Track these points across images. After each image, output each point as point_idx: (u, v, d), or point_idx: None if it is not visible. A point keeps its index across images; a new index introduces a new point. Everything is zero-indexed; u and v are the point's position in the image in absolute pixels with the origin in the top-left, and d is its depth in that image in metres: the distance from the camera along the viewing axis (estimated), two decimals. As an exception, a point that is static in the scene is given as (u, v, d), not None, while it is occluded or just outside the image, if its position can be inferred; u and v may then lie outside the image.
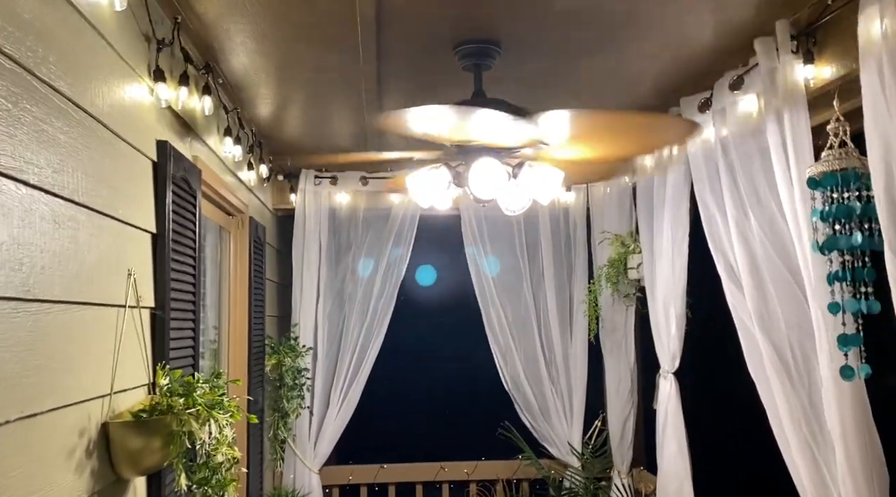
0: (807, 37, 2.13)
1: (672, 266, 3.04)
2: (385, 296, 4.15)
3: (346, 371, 4.11)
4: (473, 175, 2.21)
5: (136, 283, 1.77)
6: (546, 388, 4.18)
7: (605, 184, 3.86)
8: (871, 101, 1.73)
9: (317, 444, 4.08)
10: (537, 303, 4.22)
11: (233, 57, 2.52)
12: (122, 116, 1.72)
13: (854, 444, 1.90)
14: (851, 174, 1.86)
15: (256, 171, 3.47)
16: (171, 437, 1.64)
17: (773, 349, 2.28)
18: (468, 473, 4.34)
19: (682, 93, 2.87)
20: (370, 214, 4.23)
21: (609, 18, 2.28)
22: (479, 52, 2.40)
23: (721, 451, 3.42)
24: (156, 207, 1.95)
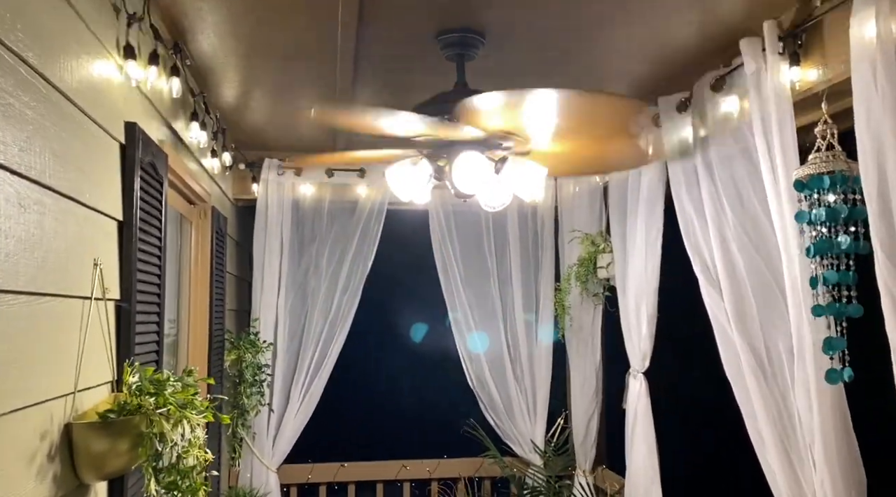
0: (793, 38, 2.13)
1: (645, 266, 3.04)
2: (350, 290, 4.04)
3: (307, 367, 4.00)
4: (457, 169, 2.15)
5: (103, 274, 1.65)
6: (511, 386, 4.15)
7: (575, 181, 3.84)
8: (863, 103, 1.72)
9: (276, 442, 3.96)
10: (504, 300, 4.19)
11: (203, 37, 2.40)
12: (90, 94, 1.59)
13: (833, 446, 1.91)
14: (839, 177, 1.87)
15: (220, 159, 3.33)
16: (139, 439, 1.53)
17: (751, 350, 2.28)
18: (430, 472, 4.28)
19: (659, 92, 2.86)
20: (335, 207, 4.11)
21: (596, 12, 2.25)
22: (462, 41, 2.33)
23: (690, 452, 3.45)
24: (123, 193, 1.82)
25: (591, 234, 3.69)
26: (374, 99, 3.07)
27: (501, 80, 2.72)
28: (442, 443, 4.36)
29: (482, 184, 2.21)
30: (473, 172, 2.16)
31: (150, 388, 1.56)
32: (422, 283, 4.37)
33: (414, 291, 4.63)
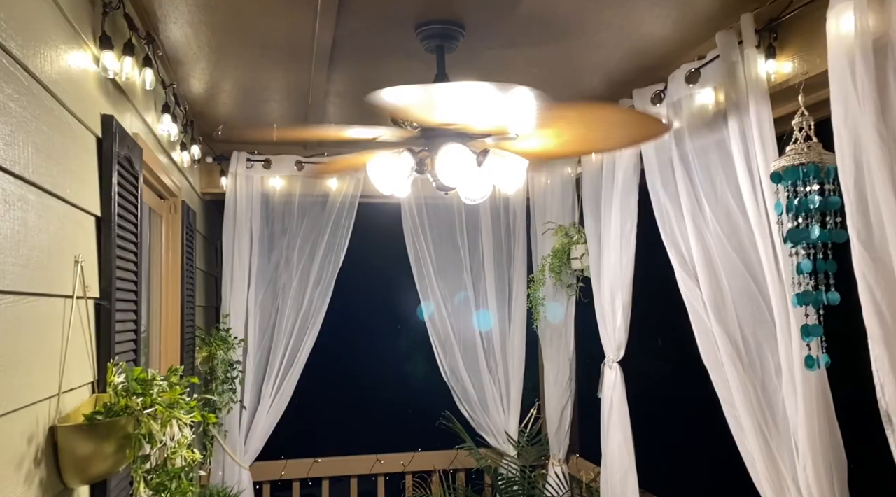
0: (769, 32, 2.17)
1: (620, 257, 3.07)
2: (322, 284, 4.00)
3: (279, 363, 3.95)
4: (441, 161, 2.14)
5: (83, 272, 1.59)
6: (484, 377, 4.17)
7: (548, 173, 3.86)
8: (841, 96, 1.76)
9: (248, 440, 3.90)
10: (477, 292, 4.19)
11: (176, 27, 2.33)
12: (68, 86, 1.54)
13: (816, 432, 1.96)
14: (815, 168, 1.91)
15: (189, 152, 3.26)
16: (126, 441, 1.49)
17: (729, 339, 2.33)
18: (404, 465, 4.27)
19: (633, 85, 2.89)
20: (306, 200, 4.05)
21: (574, 6, 2.26)
22: (443, 33, 2.31)
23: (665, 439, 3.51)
24: (100, 188, 1.77)
25: (564, 226, 3.71)
26: (349, 91, 3.04)
27: (479, 73, 2.72)
28: (416, 436, 4.36)
29: (465, 176, 2.21)
30: (457, 165, 2.16)
31: (137, 388, 1.51)
32: (394, 276, 4.35)
33: (386, 284, 4.60)
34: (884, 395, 1.67)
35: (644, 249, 3.05)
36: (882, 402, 1.68)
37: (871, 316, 1.69)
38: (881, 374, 1.68)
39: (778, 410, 2.17)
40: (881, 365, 1.68)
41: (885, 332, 1.65)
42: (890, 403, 1.66)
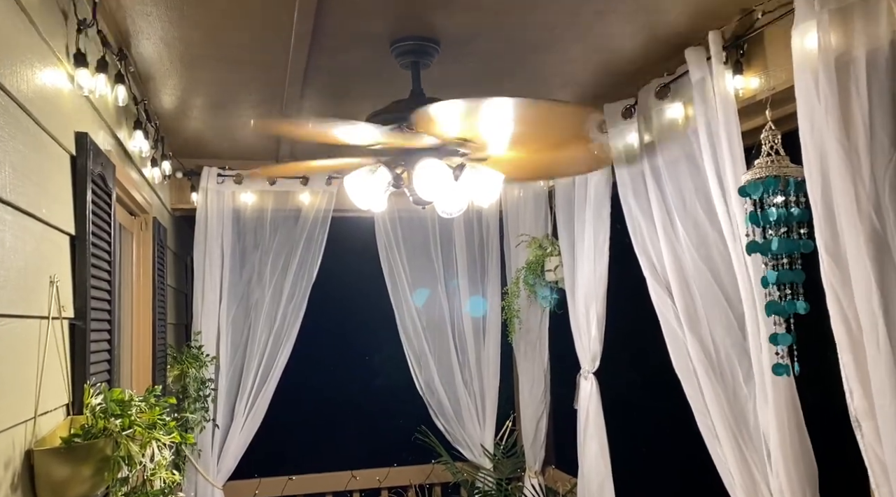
0: (736, 48, 2.23)
1: (594, 269, 3.11)
2: (295, 300, 3.97)
3: (252, 380, 3.90)
4: (418, 176, 2.15)
5: (59, 292, 1.57)
6: (460, 391, 4.17)
7: (520, 186, 3.90)
8: (807, 111, 1.82)
9: (221, 458, 3.84)
10: (451, 306, 4.21)
11: (149, 43, 2.32)
12: (43, 104, 1.52)
13: (787, 439, 2.00)
14: (781, 181, 1.97)
15: (160, 168, 3.22)
16: (104, 464, 1.47)
17: (701, 348, 2.37)
18: (380, 481, 4.25)
19: (604, 99, 2.94)
20: (278, 215, 4.03)
21: (545, 23, 2.30)
22: (418, 49, 2.34)
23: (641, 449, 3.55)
24: (74, 206, 1.74)
25: (537, 238, 3.75)
26: (323, 107, 3.04)
27: (456, 88, 2.75)
28: (392, 451, 4.34)
29: (441, 190, 2.22)
30: (434, 179, 2.17)
31: (115, 409, 1.49)
32: (369, 290, 4.34)
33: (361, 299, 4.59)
34: (852, 401, 1.72)
35: (617, 261, 3.09)
36: (851, 408, 1.73)
37: (839, 324, 1.74)
38: (850, 381, 1.73)
39: (750, 418, 2.21)
40: (849, 372, 1.73)
41: (851, 340, 1.70)
42: (858, 409, 1.71)
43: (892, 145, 1.65)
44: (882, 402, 1.62)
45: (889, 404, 1.61)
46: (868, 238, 1.65)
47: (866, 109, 1.67)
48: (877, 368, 1.63)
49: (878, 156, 1.66)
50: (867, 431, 1.69)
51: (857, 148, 1.68)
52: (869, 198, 1.65)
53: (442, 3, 2.14)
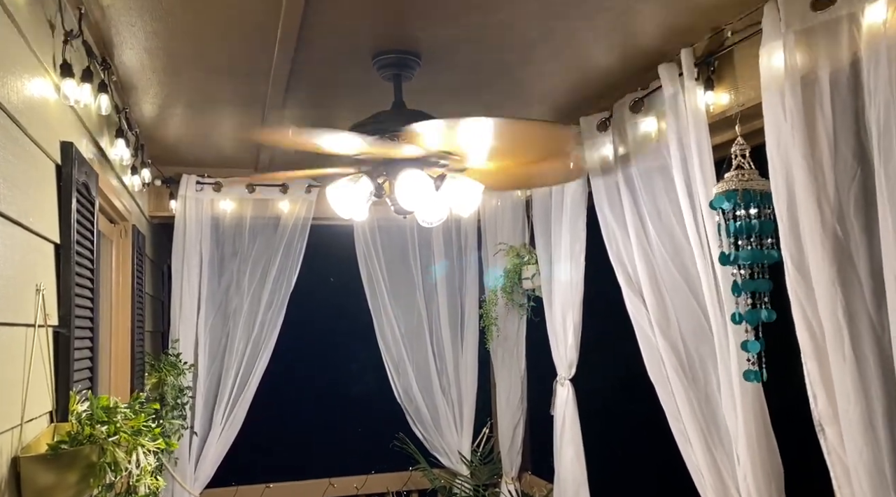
0: (706, 65, 2.31)
1: (570, 277, 3.17)
2: (274, 307, 3.98)
3: (230, 388, 3.90)
4: (400, 186, 2.20)
5: (44, 300, 1.58)
6: (438, 398, 4.21)
7: (498, 196, 3.96)
8: (773, 128, 1.90)
9: (198, 466, 3.84)
10: (430, 313, 4.25)
11: (132, 53, 2.33)
12: (31, 114, 1.54)
13: (755, 441, 2.08)
14: (749, 194, 2.04)
15: (140, 176, 3.22)
16: (89, 470, 1.48)
17: (674, 354, 2.44)
18: (357, 488, 4.27)
19: (581, 112, 3.01)
20: (257, 223, 4.04)
21: (524, 37, 2.36)
22: (399, 62, 2.38)
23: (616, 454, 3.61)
24: (59, 215, 1.76)
25: (515, 247, 3.81)
26: (304, 116, 3.07)
27: (434, 100, 2.80)
28: (370, 458, 4.35)
29: (423, 200, 2.27)
30: (415, 189, 2.22)
31: (102, 415, 1.51)
32: (348, 298, 4.36)
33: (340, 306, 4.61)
34: (816, 406, 1.79)
35: (593, 269, 3.15)
36: (815, 413, 1.80)
37: (804, 331, 1.82)
38: (813, 387, 1.81)
39: (720, 422, 2.28)
40: (813, 378, 1.80)
41: (816, 348, 1.78)
42: (822, 413, 1.78)
43: (855, 162, 1.73)
44: (845, 408, 1.69)
45: (852, 410, 1.68)
46: (832, 250, 1.72)
47: (830, 127, 1.75)
48: (841, 375, 1.70)
49: (842, 172, 1.74)
50: (830, 435, 1.76)
51: (821, 164, 1.76)
52: (833, 211, 1.73)
53: (422, 20, 2.19)
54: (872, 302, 1.67)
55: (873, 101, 1.63)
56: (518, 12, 2.15)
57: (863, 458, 1.65)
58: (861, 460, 1.65)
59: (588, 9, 2.15)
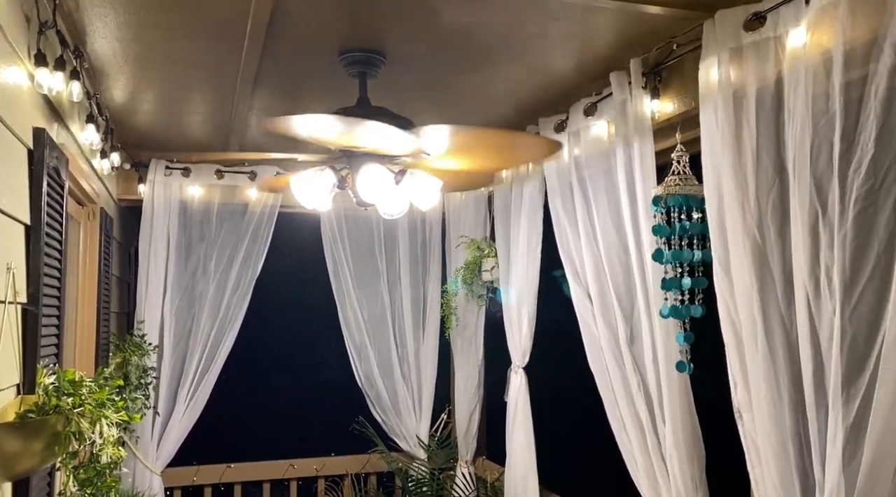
0: (654, 75, 2.45)
1: (526, 270, 3.31)
2: (239, 292, 4.07)
3: (194, 369, 3.99)
4: (361, 180, 2.31)
5: (15, 278, 1.67)
6: (398, 384, 4.34)
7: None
8: (707, 136, 2.05)
9: (160, 445, 3.92)
10: (393, 301, 4.37)
11: (104, 41, 2.41)
12: (5, 102, 1.63)
13: (679, 426, 2.24)
14: (685, 197, 2.20)
15: (109, 160, 3.29)
16: (54, 439, 1.58)
17: (613, 346, 2.59)
18: (317, 470, 4.39)
19: (540, 113, 3.15)
20: (225, 209, 4.11)
21: (485, 41, 2.47)
22: (365, 60, 2.49)
23: (564, 439, 3.78)
24: (30, 198, 1.84)
25: (476, 240, 3.94)
26: (272, 108, 3.16)
27: (399, 97, 2.91)
28: (330, 441, 4.48)
29: (383, 193, 2.38)
30: (376, 183, 2.33)
31: (68, 388, 1.61)
32: (312, 285, 4.47)
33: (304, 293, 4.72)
34: (736, 395, 1.96)
35: (548, 264, 3.30)
36: (735, 400, 1.96)
37: (727, 327, 1.97)
38: (734, 377, 1.97)
39: (655, 410, 2.44)
40: (734, 369, 1.96)
41: (736, 341, 1.94)
42: (741, 401, 1.95)
43: (774, 172, 1.89)
44: (758, 395, 1.86)
45: (764, 397, 1.84)
46: (751, 252, 1.88)
47: (754, 139, 1.90)
48: (754, 366, 1.87)
49: (762, 180, 1.89)
50: (746, 421, 1.93)
51: (745, 172, 1.91)
52: (753, 217, 1.89)
53: (387, 20, 2.30)
54: (784, 300, 1.83)
55: (791, 118, 1.79)
56: (478, 19, 2.27)
57: (770, 441, 1.81)
58: (769, 443, 1.82)
59: (545, 17, 2.27)
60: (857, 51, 1.57)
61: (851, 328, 1.56)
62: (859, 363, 1.55)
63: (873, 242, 1.54)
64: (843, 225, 1.57)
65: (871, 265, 1.54)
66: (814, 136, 1.67)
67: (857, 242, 1.55)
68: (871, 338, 1.54)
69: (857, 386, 1.55)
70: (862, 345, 1.55)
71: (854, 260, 1.56)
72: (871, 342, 1.53)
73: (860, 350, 1.56)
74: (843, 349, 1.57)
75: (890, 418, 1.49)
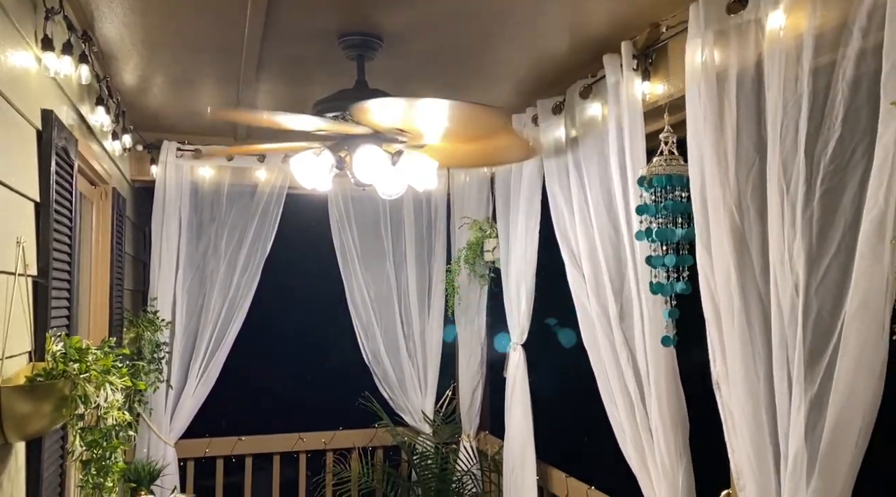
0: (645, 57, 2.50)
1: (525, 250, 3.38)
2: (249, 271, 4.18)
3: (206, 345, 4.11)
4: (357, 161, 2.38)
5: (24, 252, 1.78)
6: (404, 361, 4.45)
7: (466, 171, 4.15)
8: (692, 118, 2.10)
9: (174, 418, 4.06)
10: (399, 281, 4.46)
11: (111, 26, 2.50)
12: (14, 84, 1.72)
13: (664, 398, 2.32)
14: (674, 178, 2.25)
15: (121, 141, 3.40)
16: (62, 402, 1.69)
17: (605, 322, 2.66)
18: (325, 443, 4.51)
19: (538, 95, 3.20)
20: (235, 190, 4.22)
21: (482, 23, 2.53)
22: (362, 43, 2.55)
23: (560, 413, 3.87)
24: (39, 176, 1.95)
25: (478, 221, 4.01)
26: (277, 90, 3.24)
27: (398, 80, 2.98)
28: (337, 416, 4.60)
29: (380, 174, 2.46)
30: (372, 164, 2.40)
31: (74, 354, 1.71)
32: (320, 264, 4.57)
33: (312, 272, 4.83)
34: (715, 366, 2.02)
35: (546, 243, 3.37)
36: (714, 372, 2.03)
37: (708, 302, 2.04)
38: (714, 350, 2.03)
39: (644, 382, 2.51)
40: (714, 343, 2.03)
41: (716, 317, 2.00)
42: (719, 373, 2.01)
43: (754, 152, 1.94)
44: (734, 368, 1.93)
45: (739, 369, 1.91)
46: (730, 230, 1.94)
47: (735, 120, 1.95)
48: (731, 340, 1.93)
49: (743, 161, 1.95)
50: (724, 392, 2.00)
51: (725, 153, 1.97)
52: (732, 196, 1.94)
53: (385, 4, 2.36)
54: (762, 277, 1.89)
55: (770, 100, 1.83)
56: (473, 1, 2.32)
57: (744, 410, 1.88)
58: (743, 413, 1.88)
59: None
60: (827, 35, 1.62)
61: (817, 302, 1.62)
62: (824, 336, 1.62)
63: (839, 220, 1.59)
64: (811, 203, 1.63)
65: (837, 242, 1.60)
66: (784, 117, 1.72)
67: (824, 220, 1.61)
68: (835, 312, 1.60)
69: (822, 358, 1.61)
70: (827, 319, 1.61)
71: (820, 237, 1.61)
72: (835, 316, 1.59)
73: (825, 324, 1.62)
74: (809, 323, 1.63)
75: (851, 389, 1.55)
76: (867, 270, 1.49)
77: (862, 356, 1.53)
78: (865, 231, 1.49)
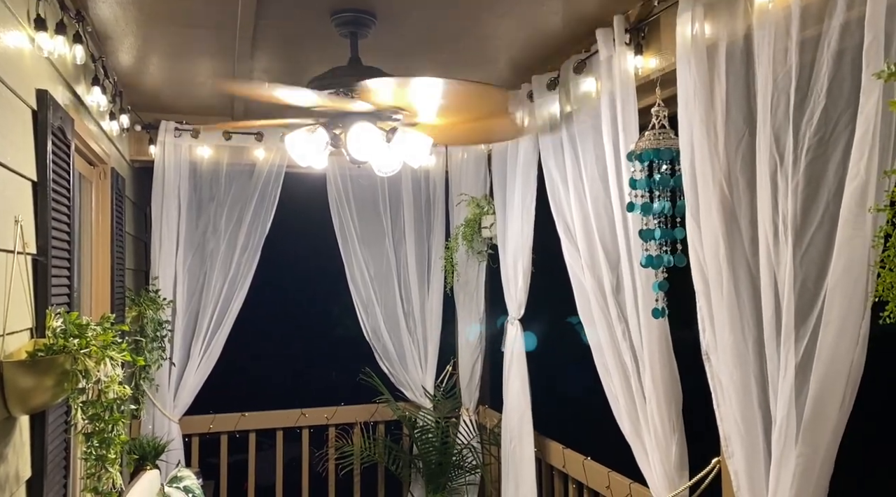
0: (637, 31, 2.50)
1: (521, 226, 3.41)
2: (249, 250, 4.21)
3: (207, 324, 4.16)
4: (351, 138, 2.40)
5: (23, 230, 1.81)
6: (404, 337, 4.49)
7: (464, 149, 4.16)
8: (683, 91, 2.11)
9: (177, 395, 4.12)
10: (398, 258, 4.50)
11: (105, 5, 2.51)
12: (7, 65, 1.74)
13: (658, 370, 2.35)
14: (663, 151, 2.26)
15: (118, 121, 3.41)
16: (64, 376, 1.73)
17: (599, 295, 2.69)
18: (328, 418, 4.57)
19: (534, 71, 3.20)
20: (233, 169, 4.24)
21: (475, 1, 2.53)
22: (355, 20, 2.56)
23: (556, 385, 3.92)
24: (36, 155, 1.97)
25: (476, 198, 4.03)
26: (272, 68, 3.24)
27: (392, 58, 2.98)
28: (339, 391, 4.66)
29: (374, 151, 2.48)
30: (366, 141, 2.42)
31: (74, 330, 1.75)
32: (319, 243, 4.61)
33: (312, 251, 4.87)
34: (704, 338, 2.06)
35: (543, 219, 3.39)
36: (703, 344, 2.06)
37: (697, 275, 2.06)
38: (704, 321, 2.06)
39: (635, 355, 2.55)
40: (704, 313, 2.06)
41: (705, 289, 2.03)
42: (709, 344, 2.05)
43: (744, 125, 1.95)
44: (722, 338, 1.96)
45: (727, 339, 1.94)
46: (718, 203, 1.96)
47: (724, 93, 1.96)
48: (720, 310, 1.96)
49: (732, 133, 1.96)
50: (714, 361, 2.03)
51: (715, 125, 1.98)
52: (721, 168, 1.96)
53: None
54: (750, 248, 1.91)
55: (760, 72, 1.84)
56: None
57: (733, 379, 1.91)
58: (732, 382, 1.92)
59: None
60: (813, 6, 1.62)
61: (802, 272, 1.65)
62: (809, 304, 1.64)
63: (823, 190, 1.61)
64: (797, 173, 1.64)
65: (821, 212, 1.62)
66: (775, 89, 1.73)
67: (809, 190, 1.63)
68: (819, 281, 1.62)
69: (806, 326, 1.64)
70: (811, 287, 1.64)
71: (805, 207, 1.64)
72: (819, 285, 1.62)
73: (810, 293, 1.64)
74: (795, 291, 1.65)
75: (834, 356, 1.58)
76: (849, 239, 1.52)
77: (845, 323, 1.55)
78: (847, 201, 1.51)
